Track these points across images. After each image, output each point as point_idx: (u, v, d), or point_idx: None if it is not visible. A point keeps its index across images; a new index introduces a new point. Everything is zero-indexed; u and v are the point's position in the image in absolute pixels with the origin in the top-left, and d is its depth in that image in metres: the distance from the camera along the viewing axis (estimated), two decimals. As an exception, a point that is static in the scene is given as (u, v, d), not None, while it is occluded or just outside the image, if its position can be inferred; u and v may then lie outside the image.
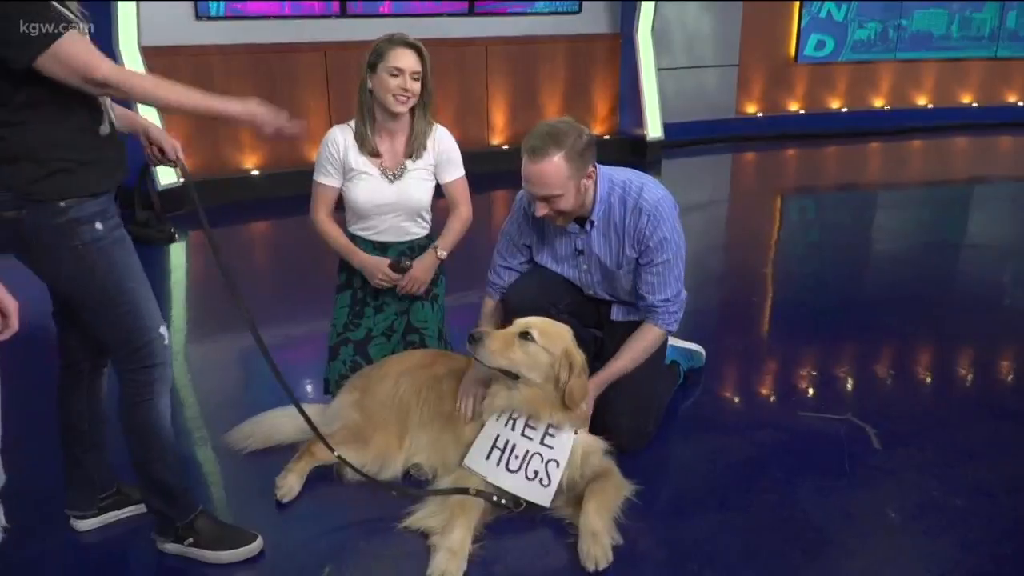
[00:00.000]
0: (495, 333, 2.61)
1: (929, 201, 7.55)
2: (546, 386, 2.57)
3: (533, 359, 2.57)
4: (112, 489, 2.54)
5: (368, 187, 3.08)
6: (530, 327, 2.59)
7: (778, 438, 3.06)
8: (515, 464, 2.52)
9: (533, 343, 2.57)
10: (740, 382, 3.63)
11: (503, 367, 2.57)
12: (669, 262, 2.84)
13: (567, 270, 3.04)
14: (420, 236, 3.24)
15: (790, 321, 4.39)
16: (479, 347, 2.55)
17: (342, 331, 3.19)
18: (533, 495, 2.50)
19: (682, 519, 2.59)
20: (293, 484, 2.69)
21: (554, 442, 2.57)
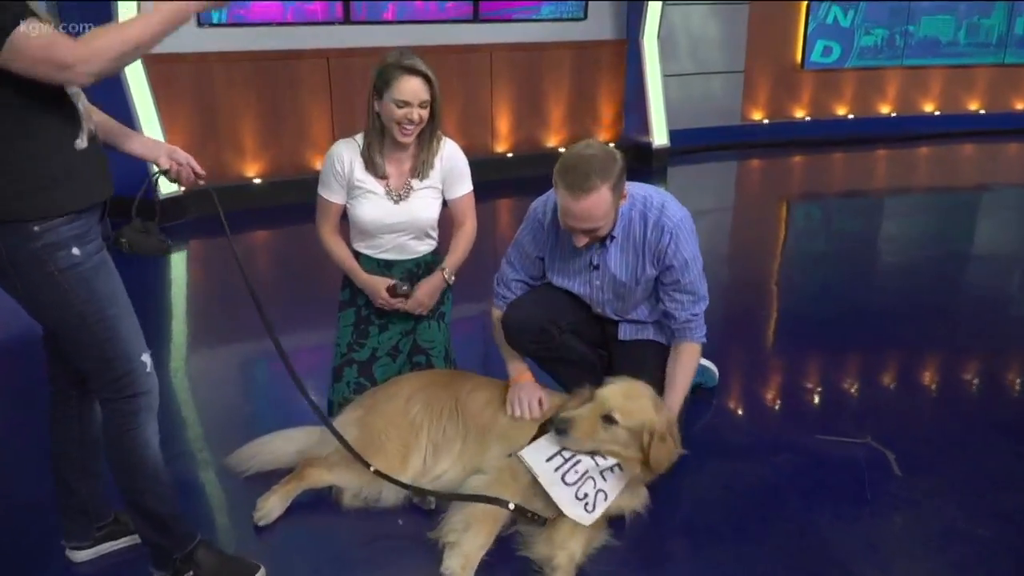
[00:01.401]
0: (578, 420, 2.52)
1: (936, 208, 7.47)
2: (630, 451, 2.55)
3: (617, 439, 2.53)
4: (109, 519, 2.45)
5: (373, 206, 3.00)
6: (612, 411, 2.52)
7: (795, 463, 2.98)
8: (572, 478, 2.45)
9: (616, 426, 2.52)
10: (753, 402, 3.55)
11: (590, 449, 2.53)
12: (694, 281, 2.81)
13: (578, 285, 2.96)
14: (427, 253, 3.16)
15: (801, 334, 4.30)
16: (566, 437, 2.51)
17: (346, 352, 3.10)
18: (575, 514, 2.43)
19: (696, 550, 2.51)
20: (274, 507, 2.60)
21: (612, 477, 2.53)
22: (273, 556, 2.48)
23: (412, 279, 3.11)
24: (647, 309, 2.99)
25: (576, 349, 3.05)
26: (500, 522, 2.45)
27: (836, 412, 3.40)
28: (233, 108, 6.90)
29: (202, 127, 6.83)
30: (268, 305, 2.57)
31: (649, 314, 3.00)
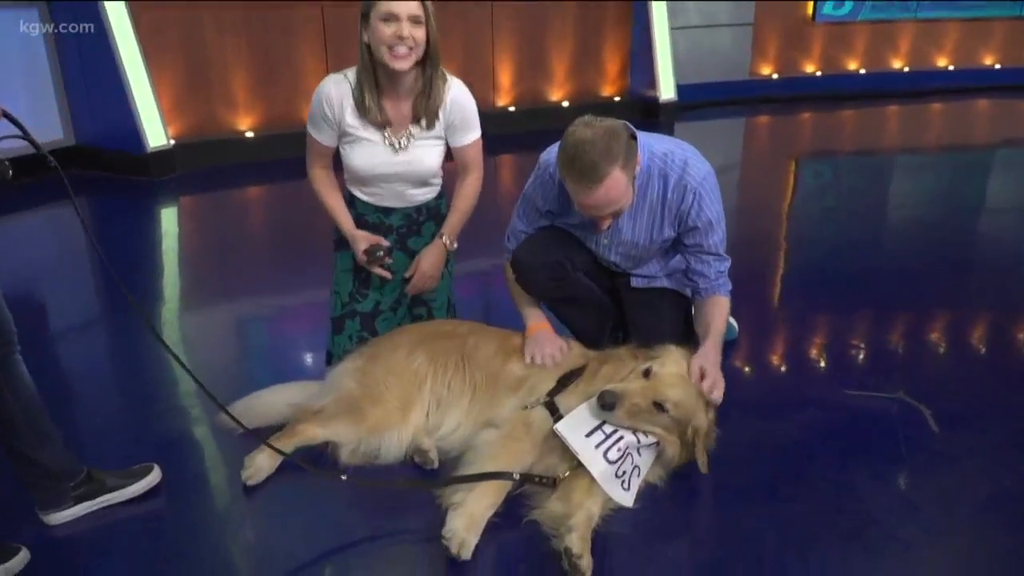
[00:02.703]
0: (628, 398, 2.31)
1: (951, 165, 7.22)
2: (670, 435, 2.37)
3: (660, 424, 2.34)
4: (82, 475, 2.27)
5: (368, 154, 2.73)
6: (667, 400, 2.31)
7: (826, 420, 2.78)
8: (614, 455, 2.26)
9: (665, 414, 2.32)
10: (777, 358, 3.34)
11: (632, 427, 2.34)
12: (719, 243, 2.60)
13: (586, 239, 2.75)
14: (429, 199, 2.92)
15: (819, 288, 4.09)
16: (609, 415, 2.31)
17: (347, 301, 2.87)
18: (615, 494, 2.25)
19: (729, 513, 2.31)
20: (263, 465, 2.41)
21: (647, 452, 2.36)
22: (262, 517, 2.30)
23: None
24: (658, 265, 2.78)
25: (589, 288, 2.84)
26: (509, 484, 2.25)
27: (864, 367, 3.20)
28: (224, 58, 6.62)
29: (192, 78, 6.56)
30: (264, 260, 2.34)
31: (660, 269, 2.79)
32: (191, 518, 2.30)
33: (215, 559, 2.14)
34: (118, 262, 4.69)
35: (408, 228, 2.88)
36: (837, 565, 2.07)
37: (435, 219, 2.93)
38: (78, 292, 4.31)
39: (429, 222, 2.92)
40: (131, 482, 2.33)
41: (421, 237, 2.91)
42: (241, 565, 2.13)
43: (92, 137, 6.39)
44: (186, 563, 2.11)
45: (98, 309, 4.13)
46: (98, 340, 3.74)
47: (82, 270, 4.72)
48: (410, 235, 2.90)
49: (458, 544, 2.05)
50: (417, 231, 2.91)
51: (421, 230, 2.91)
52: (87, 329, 3.84)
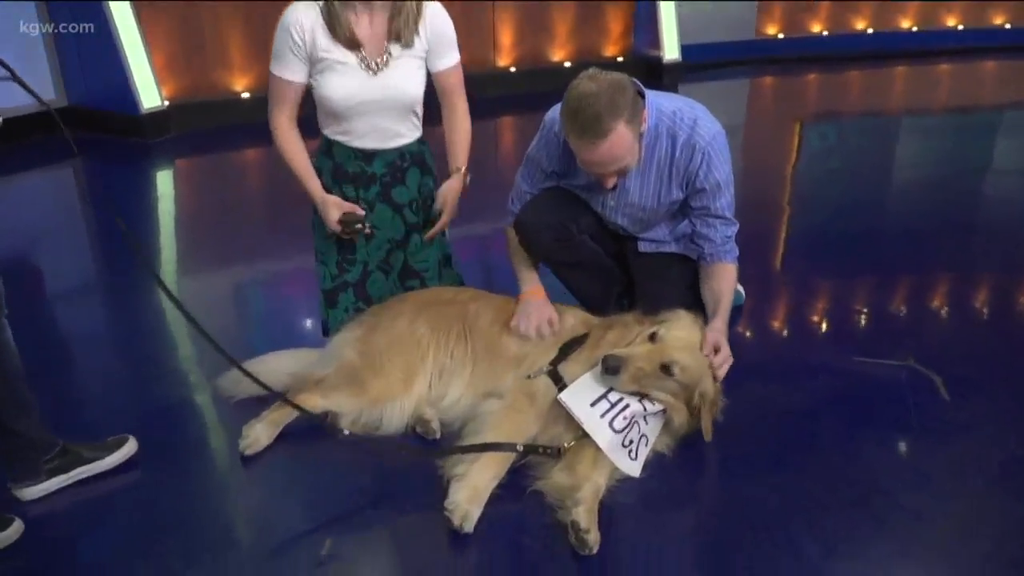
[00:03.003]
0: (633, 362, 2.25)
1: (957, 127, 7.11)
2: (676, 401, 2.32)
3: (666, 389, 2.28)
4: (57, 448, 2.21)
5: (344, 80, 2.54)
6: (674, 364, 2.25)
7: (833, 387, 2.73)
8: (620, 424, 2.21)
9: (672, 378, 2.26)
10: (784, 323, 3.29)
11: (634, 392, 2.28)
12: (727, 206, 2.53)
13: (592, 201, 2.68)
14: (411, 141, 2.74)
15: (827, 253, 4.02)
16: (614, 378, 2.25)
17: (337, 272, 2.77)
18: (622, 463, 2.21)
19: (734, 482, 2.27)
20: (260, 436, 2.37)
21: (654, 420, 2.31)
22: (260, 489, 2.26)
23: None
24: (667, 229, 2.71)
25: (595, 253, 2.77)
26: (512, 456, 2.21)
27: (873, 333, 3.14)
28: (218, 17, 6.48)
29: (186, 37, 6.42)
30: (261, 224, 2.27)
31: (668, 233, 2.72)
32: (188, 488, 2.26)
33: (213, 529, 2.10)
34: (113, 225, 4.63)
35: (392, 177, 2.71)
36: (845, 534, 2.03)
37: (419, 166, 2.77)
38: (73, 256, 4.24)
39: (413, 168, 2.76)
40: (106, 454, 2.27)
41: (406, 187, 2.75)
42: (239, 536, 2.09)
43: (85, 98, 6.26)
44: (183, 533, 2.07)
45: (94, 273, 4.07)
46: (94, 304, 3.68)
47: (77, 233, 4.65)
48: (394, 184, 2.73)
49: (461, 516, 2.01)
50: (401, 180, 2.74)
51: (405, 179, 2.75)
52: (82, 293, 3.78)
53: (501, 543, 2.02)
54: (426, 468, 2.26)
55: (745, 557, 1.96)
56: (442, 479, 2.18)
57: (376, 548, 2.02)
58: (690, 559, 1.97)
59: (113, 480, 2.28)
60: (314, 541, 2.02)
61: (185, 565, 1.96)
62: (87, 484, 2.25)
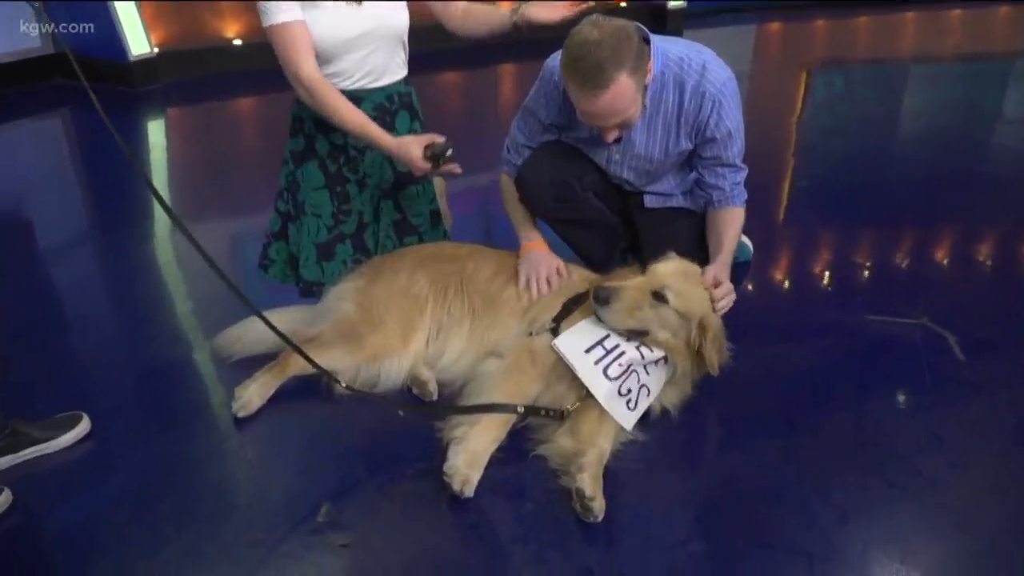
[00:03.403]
0: (624, 291, 2.18)
1: (969, 74, 6.92)
2: (676, 341, 2.21)
3: (665, 322, 2.18)
4: (6, 430, 2.13)
5: (330, 18, 2.41)
6: (666, 288, 2.17)
7: (844, 346, 2.65)
8: (615, 372, 2.13)
9: (666, 306, 2.16)
10: (793, 279, 3.19)
11: (631, 328, 2.19)
12: (738, 153, 2.43)
13: (595, 155, 2.56)
14: (398, 80, 2.64)
15: (837, 207, 3.91)
16: (606, 309, 2.16)
17: (332, 224, 2.65)
18: (618, 413, 2.12)
19: (744, 444, 2.20)
20: (253, 397, 2.29)
21: (656, 370, 2.22)
22: (254, 452, 2.20)
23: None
24: (674, 181, 2.60)
25: (598, 210, 2.67)
26: (513, 418, 2.13)
27: (885, 290, 3.05)
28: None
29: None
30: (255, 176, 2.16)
31: (676, 186, 2.61)
32: (179, 451, 2.19)
33: (206, 494, 2.03)
34: (104, 177, 4.51)
35: (381, 122, 2.56)
36: (858, 501, 1.96)
37: (408, 109, 2.67)
38: (62, 208, 4.14)
39: (402, 112, 2.65)
40: (58, 433, 2.18)
41: (395, 133, 2.62)
42: (232, 501, 2.01)
43: (71, 45, 6.07)
44: (175, 499, 2.01)
45: (84, 226, 3.97)
46: (85, 260, 3.59)
47: (67, 184, 4.54)
48: (384, 129, 2.58)
49: (460, 481, 1.94)
50: (391, 125, 2.62)
51: (395, 123, 2.64)
52: (72, 247, 3.69)
53: (502, 508, 1.95)
54: (423, 429, 2.20)
55: (754, 525, 1.90)
56: (440, 441, 2.12)
57: (374, 513, 1.95)
58: (696, 527, 1.90)
59: (103, 442, 2.21)
60: (310, 506, 1.96)
61: (177, 530, 1.90)
62: (76, 448, 2.18)
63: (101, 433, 2.24)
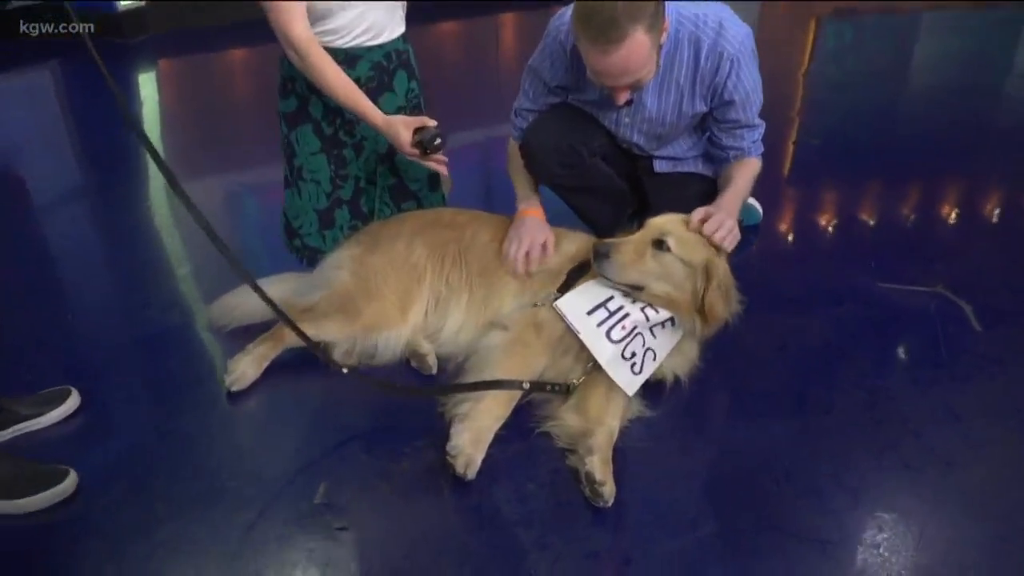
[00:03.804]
0: (624, 244, 2.10)
1: (982, 26, 6.72)
2: (681, 293, 2.11)
3: (667, 271, 2.09)
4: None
5: None
6: (666, 235, 2.08)
7: (857, 316, 2.57)
8: (618, 335, 2.06)
9: (668, 254, 2.08)
10: (803, 245, 3.10)
11: (632, 283, 2.11)
12: (756, 112, 2.32)
13: (603, 117, 2.44)
14: (397, 36, 2.49)
15: (846, 166, 3.79)
16: (606, 263, 2.08)
17: (331, 190, 2.54)
18: (621, 377, 2.05)
19: (754, 421, 2.13)
20: (247, 370, 2.21)
21: (663, 333, 2.13)
22: (247, 429, 2.13)
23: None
24: (686, 145, 2.49)
25: (607, 175, 2.56)
26: (517, 394, 2.06)
27: (898, 256, 2.95)
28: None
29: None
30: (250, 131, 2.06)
31: (688, 149, 2.50)
32: (170, 427, 2.12)
33: (199, 473, 1.96)
34: (96, 132, 4.39)
35: (378, 81, 2.46)
36: (872, 483, 1.90)
37: (405, 68, 2.53)
38: (53, 164, 4.02)
39: (400, 72, 2.51)
40: (47, 409, 2.11)
41: (393, 93, 2.51)
42: (225, 482, 1.94)
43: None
44: (168, 477, 1.94)
45: (76, 183, 3.87)
46: (76, 220, 3.49)
47: (59, 141, 4.41)
48: (381, 91, 2.49)
49: (464, 462, 1.88)
50: (388, 85, 2.49)
51: (393, 83, 2.50)
52: (63, 206, 3.60)
53: (505, 489, 1.89)
54: (424, 403, 2.13)
55: (765, 507, 1.84)
56: (441, 416, 2.05)
57: (372, 494, 1.89)
58: (706, 509, 1.84)
59: (92, 417, 2.15)
60: (306, 486, 1.90)
61: (168, 511, 1.84)
62: (64, 424, 2.12)
63: (90, 407, 2.18)
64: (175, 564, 1.71)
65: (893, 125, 4.35)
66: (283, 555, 1.73)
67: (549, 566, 1.69)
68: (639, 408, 2.12)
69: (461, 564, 1.71)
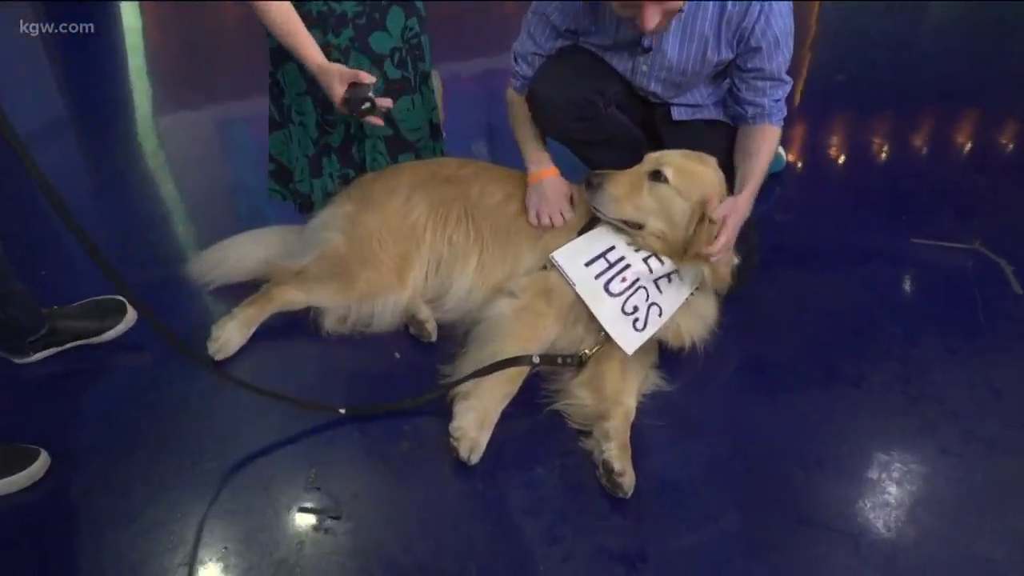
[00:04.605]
0: (618, 175, 1.95)
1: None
2: (678, 233, 1.94)
3: (664, 206, 1.92)
4: (43, 330, 2.02)
5: None
6: (663, 165, 1.91)
7: (888, 276, 2.40)
8: (618, 287, 1.91)
9: (665, 185, 1.90)
10: (829, 194, 2.90)
11: (628, 218, 1.95)
12: (784, 63, 2.07)
13: (618, 63, 2.20)
14: None
15: (875, 106, 3.56)
16: (599, 193, 1.94)
17: (317, 136, 2.32)
18: (620, 334, 1.89)
19: (779, 397, 1.97)
20: (232, 336, 2.05)
21: (670, 288, 1.96)
22: (230, 402, 1.94)
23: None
24: (706, 92, 2.26)
25: (623, 125, 2.34)
26: (523, 372, 1.89)
27: (933, 209, 2.76)
28: None
29: None
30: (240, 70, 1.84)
31: (707, 96, 2.27)
32: (151, 400, 1.96)
33: (178, 452, 1.81)
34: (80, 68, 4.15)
35: (368, 18, 2.21)
36: (909, 470, 1.75)
37: (402, 3, 2.27)
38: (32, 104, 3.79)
39: (395, 8, 2.25)
40: (105, 328, 2.10)
41: (386, 33, 2.26)
42: (208, 461, 1.79)
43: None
44: (145, 456, 1.80)
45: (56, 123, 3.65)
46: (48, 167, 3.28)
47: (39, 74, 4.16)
48: (372, 29, 2.24)
49: (468, 446, 1.73)
50: (381, 23, 2.24)
51: (386, 21, 2.25)
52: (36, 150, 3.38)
53: (511, 474, 1.75)
54: (423, 376, 1.98)
55: (792, 497, 1.70)
56: (440, 385, 1.90)
57: (368, 479, 1.75)
58: (728, 499, 1.70)
59: (63, 388, 1.99)
60: (295, 470, 1.76)
61: (145, 498, 1.70)
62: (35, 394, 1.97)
63: (61, 377, 2.02)
64: (153, 556, 1.58)
65: (928, 63, 4.07)
66: (270, 550, 1.59)
67: (559, 563, 1.56)
68: (655, 381, 1.97)
69: (464, 559, 1.58)
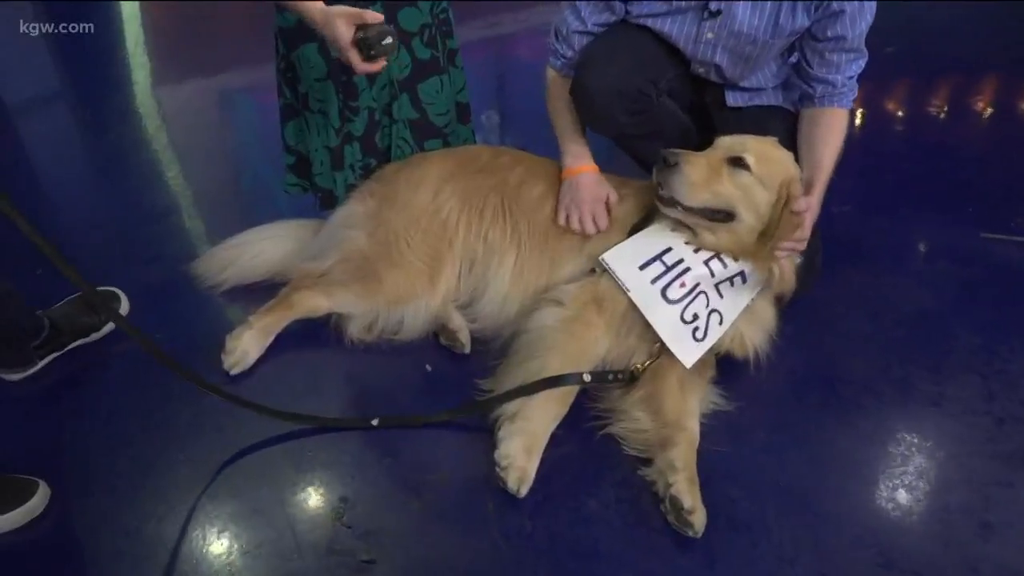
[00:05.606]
0: (695, 157, 1.74)
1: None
2: (754, 231, 1.75)
3: (749, 196, 1.73)
4: (45, 331, 1.89)
5: None
6: (744, 152, 1.73)
7: (957, 276, 2.21)
8: (676, 293, 1.72)
9: (747, 173, 1.71)
10: (890, 183, 2.66)
11: (709, 205, 1.74)
12: (865, 31, 1.85)
13: (677, 30, 1.95)
14: None
15: (932, 82, 3.32)
16: (675, 174, 1.71)
17: (339, 124, 2.09)
18: (679, 346, 1.72)
19: (850, 420, 1.79)
20: (248, 348, 1.87)
21: (731, 292, 1.78)
22: (245, 422, 1.74)
23: None
24: (771, 71, 2.04)
25: (676, 117, 2.12)
26: (572, 392, 1.71)
27: (1004, 200, 2.54)
28: None
29: None
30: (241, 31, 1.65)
31: (771, 77, 2.05)
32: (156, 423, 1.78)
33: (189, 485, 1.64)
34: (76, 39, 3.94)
35: None
36: (1003, 510, 1.56)
37: None
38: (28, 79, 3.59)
39: None
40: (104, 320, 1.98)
41: (416, 8, 2.04)
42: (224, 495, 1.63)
43: None
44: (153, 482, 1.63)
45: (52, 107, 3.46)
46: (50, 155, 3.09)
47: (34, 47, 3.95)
48: (401, 4, 2.01)
49: (517, 477, 1.56)
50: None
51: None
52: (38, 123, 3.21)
53: (561, 508, 1.57)
54: (462, 389, 1.80)
55: (875, 541, 1.52)
56: (479, 402, 1.73)
57: (401, 515, 1.57)
58: (805, 538, 1.52)
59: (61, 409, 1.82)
60: (320, 504, 1.59)
61: (157, 536, 1.53)
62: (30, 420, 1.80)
63: (59, 397, 1.84)
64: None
65: (992, 38, 3.78)
66: (297, 597, 1.43)
67: (619, 616, 1.40)
68: (714, 399, 1.79)
69: (513, 613, 1.41)
